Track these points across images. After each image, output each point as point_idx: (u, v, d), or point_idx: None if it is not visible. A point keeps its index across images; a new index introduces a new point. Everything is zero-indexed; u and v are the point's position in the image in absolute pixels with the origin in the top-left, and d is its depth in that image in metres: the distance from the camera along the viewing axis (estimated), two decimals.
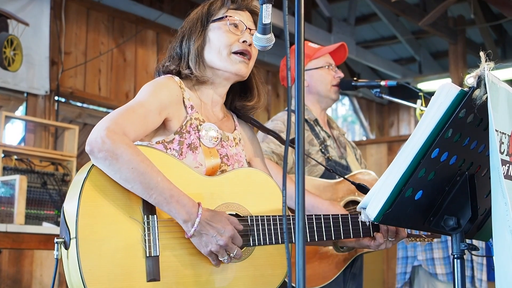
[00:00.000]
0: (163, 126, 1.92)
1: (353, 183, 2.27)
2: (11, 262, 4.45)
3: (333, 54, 3.01)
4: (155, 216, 1.76)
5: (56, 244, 1.72)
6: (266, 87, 2.19)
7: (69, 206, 1.72)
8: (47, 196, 4.64)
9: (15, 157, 4.69)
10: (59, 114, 5.89)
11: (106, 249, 1.68)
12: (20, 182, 4.31)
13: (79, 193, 1.69)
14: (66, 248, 1.70)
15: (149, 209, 1.75)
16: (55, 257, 1.73)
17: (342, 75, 2.97)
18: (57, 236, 1.75)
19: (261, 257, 1.90)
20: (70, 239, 1.68)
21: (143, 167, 1.70)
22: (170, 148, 1.89)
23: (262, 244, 1.87)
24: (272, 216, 1.89)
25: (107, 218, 1.70)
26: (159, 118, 1.88)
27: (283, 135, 2.41)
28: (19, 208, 4.29)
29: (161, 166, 1.77)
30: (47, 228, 4.49)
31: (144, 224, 1.74)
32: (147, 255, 1.72)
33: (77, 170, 5.44)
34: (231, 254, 1.78)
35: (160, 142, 1.90)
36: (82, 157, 6.80)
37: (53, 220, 4.65)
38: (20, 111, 5.79)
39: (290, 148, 2.54)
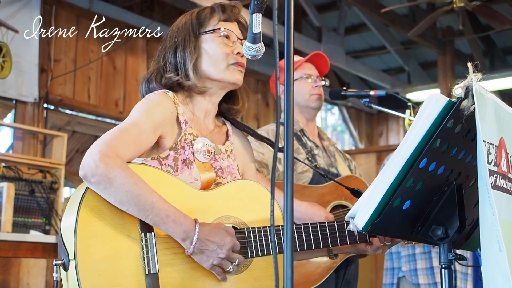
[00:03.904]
0: (157, 143, 1.92)
1: (347, 188, 2.27)
2: None
3: (316, 64, 3.05)
4: (152, 233, 1.75)
5: (55, 266, 1.72)
6: (249, 93, 2.21)
7: (66, 227, 1.72)
8: (34, 204, 4.61)
9: (3, 164, 4.66)
10: (48, 122, 5.86)
11: (105, 269, 1.67)
12: (7, 190, 4.28)
13: (76, 214, 1.68)
14: (65, 269, 1.69)
15: (146, 226, 1.75)
16: (54, 279, 1.74)
17: (321, 84, 3.00)
18: (55, 257, 1.74)
19: (260, 268, 1.91)
20: (69, 260, 1.67)
21: (137, 189, 1.71)
22: (165, 164, 1.89)
23: (260, 255, 1.88)
24: (269, 227, 1.89)
25: (105, 238, 1.70)
26: (153, 136, 1.88)
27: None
28: (7, 216, 4.26)
29: (157, 183, 1.77)
30: (34, 236, 4.46)
31: (142, 241, 1.74)
32: (146, 272, 1.72)
33: (66, 178, 5.41)
34: (234, 263, 1.79)
35: (155, 158, 1.90)
36: (71, 164, 6.76)
37: (40, 228, 4.61)
38: (9, 118, 5.76)
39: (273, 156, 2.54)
